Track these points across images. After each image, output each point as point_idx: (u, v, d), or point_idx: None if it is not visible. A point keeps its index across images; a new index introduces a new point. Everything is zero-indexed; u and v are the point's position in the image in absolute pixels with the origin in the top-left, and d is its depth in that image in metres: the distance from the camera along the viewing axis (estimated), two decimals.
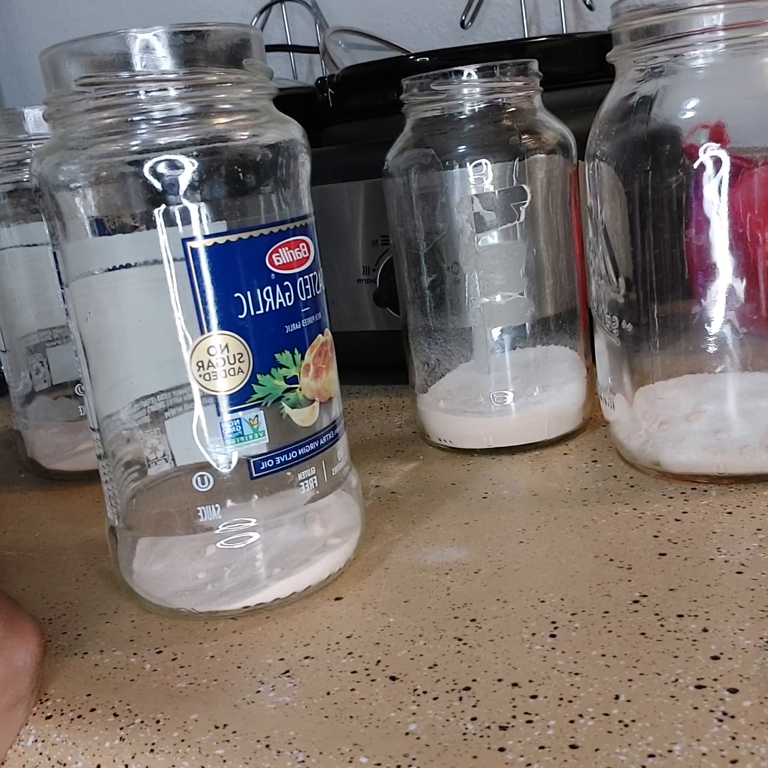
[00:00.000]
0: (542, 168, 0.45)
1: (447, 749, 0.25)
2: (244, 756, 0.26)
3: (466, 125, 0.45)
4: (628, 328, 0.41)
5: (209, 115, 0.31)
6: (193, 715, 0.28)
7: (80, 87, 0.31)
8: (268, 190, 0.33)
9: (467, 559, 0.36)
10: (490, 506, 0.41)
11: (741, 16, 0.36)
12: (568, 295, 0.48)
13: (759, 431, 0.38)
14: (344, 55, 0.90)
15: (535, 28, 0.84)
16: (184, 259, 0.31)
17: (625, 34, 0.38)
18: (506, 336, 0.46)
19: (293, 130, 0.34)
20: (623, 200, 0.40)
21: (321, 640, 0.32)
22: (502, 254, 0.45)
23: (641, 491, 0.40)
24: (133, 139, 0.31)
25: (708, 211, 0.37)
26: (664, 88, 0.38)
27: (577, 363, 0.48)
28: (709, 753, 0.24)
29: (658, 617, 0.30)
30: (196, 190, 0.31)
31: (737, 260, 0.38)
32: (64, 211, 0.32)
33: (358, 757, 0.25)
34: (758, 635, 0.28)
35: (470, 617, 0.32)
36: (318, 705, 0.28)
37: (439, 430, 0.48)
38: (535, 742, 0.25)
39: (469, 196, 0.44)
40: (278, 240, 0.33)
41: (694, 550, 0.34)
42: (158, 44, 0.30)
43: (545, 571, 0.34)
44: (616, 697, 0.26)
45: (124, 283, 0.32)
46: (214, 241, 0.31)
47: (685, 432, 0.40)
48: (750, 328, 0.38)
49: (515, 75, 0.44)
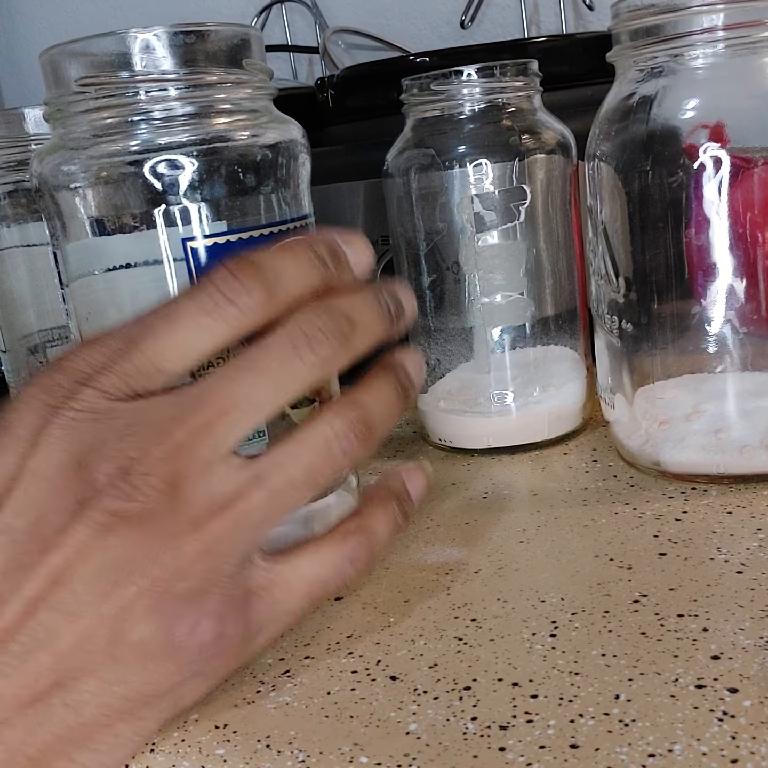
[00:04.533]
0: (542, 168, 0.45)
1: (447, 749, 0.25)
2: (245, 756, 0.26)
3: (466, 125, 0.45)
4: (628, 328, 0.41)
5: (209, 115, 0.31)
6: (193, 715, 0.28)
7: (80, 87, 0.31)
8: (268, 190, 0.33)
9: (467, 559, 0.36)
10: (490, 506, 0.41)
11: (741, 16, 0.36)
12: (568, 295, 0.48)
13: (759, 431, 0.38)
14: (344, 55, 0.90)
15: (535, 28, 0.84)
16: (185, 259, 0.31)
17: (625, 34, 0.38)
18: (506, 336, 0.46)
19: (293, 130, 0.34)
20: (623, 200, 0.40)
21: (321, 640, 0.32)
22: (502, 254, 0.45)
23: (641, 491, 0.40)
24: (133, 139, 0.31)
25: (708, 211, 0.37)
26: (664, 88, 0.38)
27: (577, 363, 0.48)
28: (709, 753, 0.24)
29: (658, 617, 0.30)
30: (196, 190, 0.31)
31: (737, 260, 0.38)
32: (64, 211, 0.32)
33: (358, 757, 0.25)
34: (758, 635, 0.28)
35: (470, 617, 0.32)
36: (318, 705, 0.28)
37: (439, 430, 0.48)
38: (535, 742, 0.25)
39: (469, 196, 0.44)
40: (278, 240, 0.33)
41: (694, 549, 0.34)
42: (158, 44, 0.30)
43: (545, 570, 0.34)
44: (616, 696, 0.26)
45: (124, 283, 0.32)
46: (214, 241, 0.31)
47: (685, 432, 0.40)
48: (750, 328, 0.38)
49: (515, 75, 0.44)
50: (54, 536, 0.25)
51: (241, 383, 0.27)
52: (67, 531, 0.25)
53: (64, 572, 0.25)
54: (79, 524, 0.25)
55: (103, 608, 0.25)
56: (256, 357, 0.27)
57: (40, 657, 0.25)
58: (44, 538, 0.25)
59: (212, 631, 0.26)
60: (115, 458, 0.25)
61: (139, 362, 0.27)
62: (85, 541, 0.25)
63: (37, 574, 0.25)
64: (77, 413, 0.26)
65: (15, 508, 0.25)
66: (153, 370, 0.27)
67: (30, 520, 0.25)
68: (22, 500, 0.26)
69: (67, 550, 0.25)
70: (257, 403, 0.27)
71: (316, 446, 0.28)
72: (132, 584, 0.25)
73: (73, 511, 0.25)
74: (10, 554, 0.25)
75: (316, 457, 0.28)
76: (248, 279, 0.27)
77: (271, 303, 0.27)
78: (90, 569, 0.25)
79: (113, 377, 0.27)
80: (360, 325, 0.28)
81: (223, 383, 0.27)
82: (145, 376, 0.27)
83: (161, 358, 0.27)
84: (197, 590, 0.26)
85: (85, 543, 0.25)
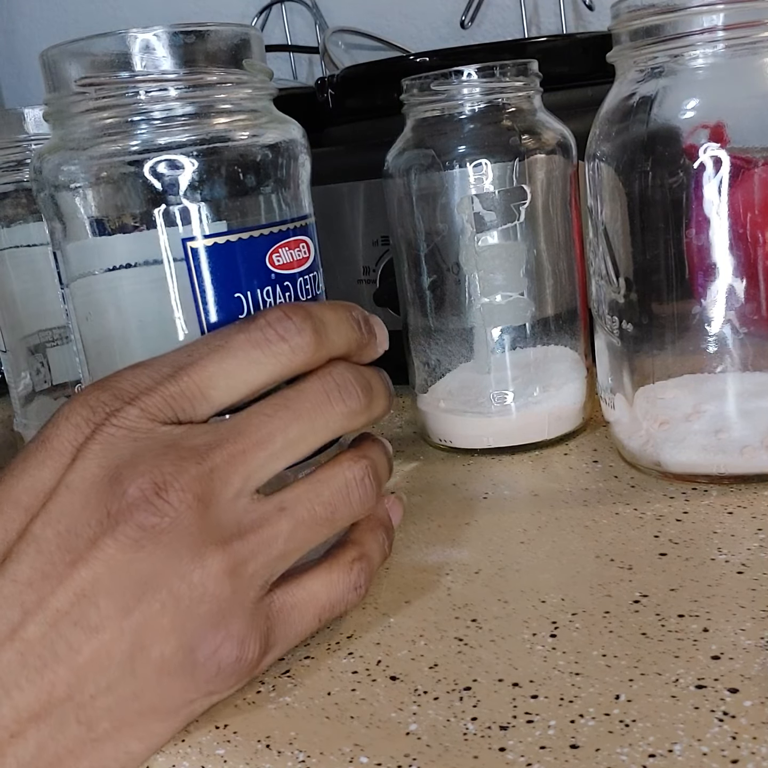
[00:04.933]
0: (542, 168, 0.45)
1: (448, 749, 0.25)
2: (245, 756, 0.26)
3: (466, 125, 0.45)
4: (629, 328, 0.41)
5: (209, 115, 0.31)
6: None
7: (80, 87, 0.31)
8: (268, 190, 0.33)
9: (468, 559, 0.36)
10: (490, 506, 0.41)
11: (741, 16, 0.36)
12: (569, 296, 0.48)
13: (759, 431, 0.38)
14: (344, 55, 0.90)
15: (535, 28, 0.84)
16: (184, 259, 0.31)
17: (625, 34, 0.38)
18: (506, 336, 0.46)
19: (293, 130, 0.34)
20: (623, 200, 0.40)
21: (321, 640, 0.32)
22: (502, 254, 0.45)
23: (642, 491, 0.40)
24: (133, 139, 0.31)
25: (708, 211, 0.37)
26: (664, 89, 0.38)
27: (577, 363, 0.48)
28: (710, 753, 0.24)
29: (659, 617, 0.30)
30: (196, 190, 0.31)
31: (737, 260, 0.38)
32: (64, 211, 0.32)
33: (358, 758, 0.25)
34: (759, 635, 0.28)
35: (471, 617, 0.32)
36: (319, 705, 0.28)
37: (439, 430, 0.48)
38: (535, 742, 0.25)
39: (469, 196, 0.44)
40: (278, 240, 0.33)
41: (695, 550, 0.34)
42: (158, 44, 0.30)
43: (546, 571, 0.34)
44: (616, 697, 0.26)
45: (124, 283, 0.32)
46: (214, 241, 0.31)
47: (685, 432, 0.40)
48: (750, 328, 0.38)
49: (515, 75, 0.44)
50: (83, 549, 0.25)
51: (279, 420, 0.28)
52: (96, 544, 0.25)
53: (91, 586, 0.25)
54: (109, 538, 0.25)
55: (125, 623, 0.25)
56: (293, 398, 0.28)
57: (58, 671, 0.25)
58: (72, 550, 0.25)
59: (233, 655, 0.26)
60: (150, 473, 0.25)
61: (186, 386, 0.27)
62: (113, 554, 0.25)
63: (63, 586, 0.25)
64: (118, 430, 0.26)
65: (45, 519, 0.26)
66: (199, 395, 0.28)
67: (59, 530, 0.25)
68: (54, 512, 0.26)
69: (95, 564, 0.25)
70: (293, 440, 0.28)
71: (336, 486, 0.29)
72: (156, 601, 0.25)
73: (104, 524, 0.25)
74: (36, 564, 0.25)
75: (337, 496, 0.29)
76: (301, 321, 0.28)
77: (318, 348, 0.29)
78: (115, 583, 0.25)
79: (158, 398, 0.27)
80: (377, 393, 0.30)
81: (262, 418, 0.28)
82: (189, 400, 0.27)
83: (208, 384, 0.28)
84: (221, 612, 0.26)
85: (112, 556, 0.25)
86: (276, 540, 0.27)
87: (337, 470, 0.30)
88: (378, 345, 0.32)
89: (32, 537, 0.25)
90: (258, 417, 0.28)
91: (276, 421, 0.28)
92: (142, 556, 0.25)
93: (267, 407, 0.28)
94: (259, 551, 0.27)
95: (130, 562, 0.25)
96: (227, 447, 0.27)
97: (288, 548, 0.28)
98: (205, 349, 0.28)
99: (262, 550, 0.27)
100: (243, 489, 0.27)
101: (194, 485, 0.26)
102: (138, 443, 0.26)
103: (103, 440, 0.26)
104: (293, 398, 0.29)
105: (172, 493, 0.25)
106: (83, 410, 0.27)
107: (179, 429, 0.27)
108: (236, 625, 0.26)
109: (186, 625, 0.26)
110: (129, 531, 0.25)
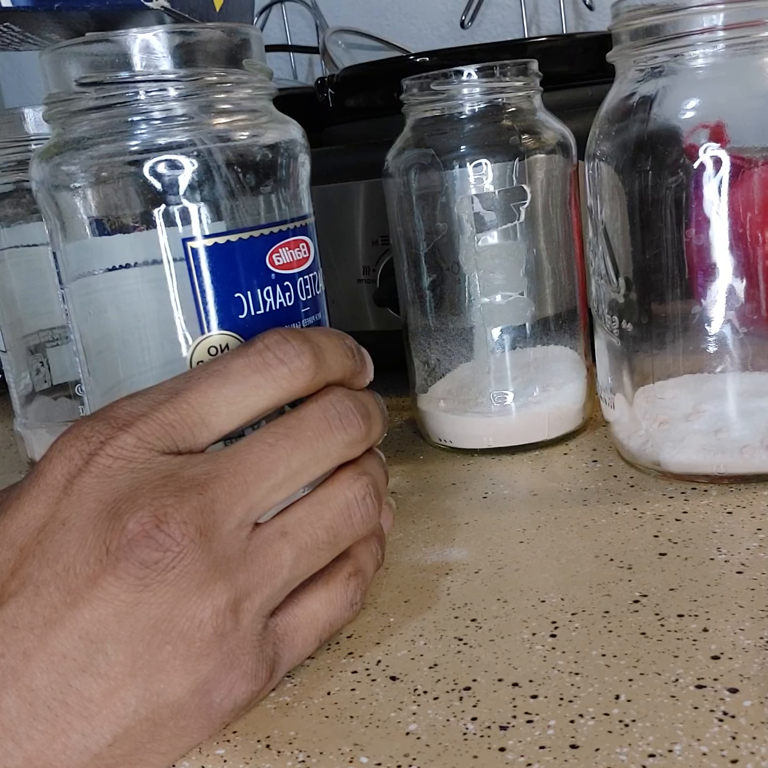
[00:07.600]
0: (542, 168, 0.45)
1: (447, 749, 0.25)
2: (245, 756, 0.26)
3: (466, 125, 0.45)
4: (628, 328, 0.41)
5: (209, 115, 0.31)
6: None
7: (80, 87, 0.31)
8: (268, 190, 0.33)
9: (467, 559, 0.36)
10: (490, 506, 0.41)
11: (741, 16, 0.36)
12: (568, 295, 0.48)
13: (759, 431, 0.38)
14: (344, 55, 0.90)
15: (535, 28, 0.84)
16: (184, 259, 0.31)
17: (625, 34, 0.38)
18: (506, 336, 0.46)
19: (293, 130, 0.34)
20: (623, 200, 0.40)
21: None
22: (502, 254, 0.45)
23: (641, 491, 0.40)
24: (133, 139, 0.31)
25: (708, 211, 0.37)
26: (664, 88, 0.38)
27: (577, 363, 0.48)
28: (709, 753, 0.24)
29: (659, 617, 0.30)
30: (195, 190, 0.31)
31: (737, 260, 0.38)
32: (63, 211, 0.32)
33: (358, 757, 0.25)
34: (758, 635, 0.28)
35: (470, 617, 0.32)
36: (318, 705, 0.28)
37: (439, 430, 0.48)
38: (535, 742, 0.25)
39: (469, 196, 0.44)
40: (278, 240, 0.33)
41: (694, 550, 0.34)
42: (158, 44, 0.30)
43: (545, 571, 0.34)
44: (616, 696, 0.26)
45: (124, 283, 0.32)
46: (214, 241, 0.31)
47: (685, 432, 0.40)
48: (750, 328, 0.38)
49: (515, 75, 0.44)
50: (83, 588, 0.24)
51: (281, 449, 0.27)
52: (97, 583, 0.24)
53: (97, 630, 0.24)
54: (111, 576, 0.24)
55: (137, 669, 0.24)
56: (294, 426, 0.28)
57: (71, 721, 0.24)
58: (72, 591, 0.24)
59: (248, 691, 0.26)
60: (150, 506, 0.25)
61: (185, 413, 0.27)
62: (117, 594, 0.24)
63: (66, 630, 0.24)
64: (114, 461, 0.26)
65: (42, 559, 0.25)
66: (199, 422, 0.27)
67: (56, 571, 0.24)
68: (50, 551, 0.25)
69: (98, 606, 0.24)
70: (295, 470, 0.27)
71: (337, 507, 0.29)
72: (167, 644, 0.25)
73: (104, 562, 0.24)
74: (36, 608, 0.24)
75: (338, 518, 0.28)
76: (299, 344, 0.28)
77: (318, 372, 0.28)
78: (123, 628, 0.24)
79: (155, 425, 0.26)
80: (374, 420, 0.30)
81: (263, 447, 0.27)
82: (189, 428, 0.27)
83: (209, 411, 0.27)
84: (232, 652, 0.26)
85: (116, 596, 0.24)
86: (281, 571, 0.27)
87: (338, 490, 0.29)
88: (365, 375, 0.32)
89: (29, 579, 0.24)
90: (259, 446, 0.27)
91: (278, 450, 0.27)
92: (147, 597, 0.24)
93: (268, 436, 0.27)
94: (263, 584, 0.27)
95: (137, 605, 0.24)
96: (228, 477, 0.26)
97: (292, 576, 0.28)
98: (203, 375, 0.27)
99: (266, 582, 0.27)
100: (245, 520, 0.26)
101: (196, 517, 0.25)
102: (136, 475, 0.25)
103: (98, 472, 0.25)
104: (295, 426, 0.28)
105: (173, 525, 0.24)
106: (77, 441, 0.26)
107: (178, 458, 0.26)
108: (248, 663, 0.26)
109: (199, 668, 0.25)
110: (131, 569, 0.24)
